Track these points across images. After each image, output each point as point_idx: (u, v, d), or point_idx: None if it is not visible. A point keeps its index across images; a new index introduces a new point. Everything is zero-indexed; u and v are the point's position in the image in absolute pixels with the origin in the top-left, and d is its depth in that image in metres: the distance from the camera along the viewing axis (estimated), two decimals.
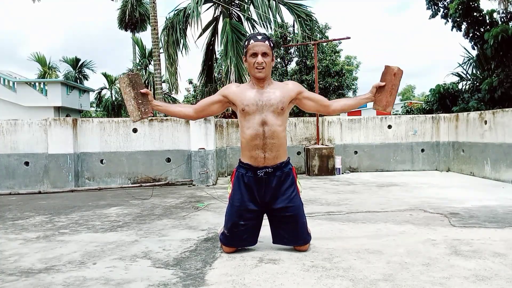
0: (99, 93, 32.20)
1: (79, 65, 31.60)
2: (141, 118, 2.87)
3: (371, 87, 2.94)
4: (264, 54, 2.74)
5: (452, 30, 12.33)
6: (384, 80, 2.90)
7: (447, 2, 12.63)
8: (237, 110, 2.84)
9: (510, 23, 11.42)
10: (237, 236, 2.79)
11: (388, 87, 2.88)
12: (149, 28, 27.96)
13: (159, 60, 12.62)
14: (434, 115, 8.58)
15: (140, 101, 2.86)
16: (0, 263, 2.73)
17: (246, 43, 2.81)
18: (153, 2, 12.95)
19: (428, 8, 13.17)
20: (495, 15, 11.75)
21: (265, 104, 2.73)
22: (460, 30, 12.16)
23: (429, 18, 13.19)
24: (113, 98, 31.05)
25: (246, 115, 2.75)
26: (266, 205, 2.78)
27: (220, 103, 2.90)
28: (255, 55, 2.74)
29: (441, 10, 12.88)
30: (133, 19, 27.09)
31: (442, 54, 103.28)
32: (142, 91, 2.87)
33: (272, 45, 2.81)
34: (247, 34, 11.22)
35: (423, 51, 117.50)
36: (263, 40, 2.76)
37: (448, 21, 12.57)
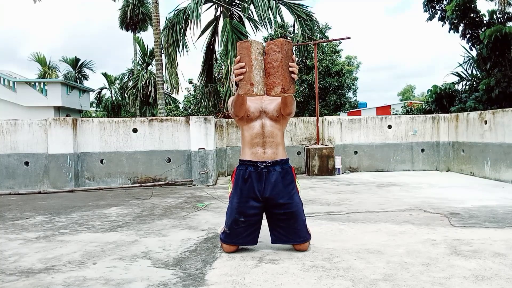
0: (99, 93, 32.24)
1: (79, 65, 31.63)
2: (263, 95, 2.56)
3: None
4: None
5: (449, 31, 12.34)
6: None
7: (444, 5, 12.63)
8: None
9: (507, 24, 11.42)
10: (238, 233, 2.81)
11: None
12: (150, 28, 28.07)
13: (161, 60, 12.63)
14: (434, 115, 8.58)
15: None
16: (0, 263, 2.73)
17: None
18: (155, 2, 12.97)
19: (425, 11, 13.16)
20: (492, 15, 11.75)
21: (264, 111, 2.92)
22: (458, 32, 12.17)
23: (426, 21, 13.20)
24: (113, 98, 31.06)
25: (249, 121, 2.93)
26: (266, 200, 2.81)
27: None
28: None
29: (438, 12, 12.88)
30: (134, 19, 27.10)
31: (442, 54, 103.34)
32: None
33: None
34: (247, 34, 11.25)
35: (424, 51, 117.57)
36: None
37: (445, 23, 12.58)
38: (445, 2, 12.67)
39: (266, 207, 2.85)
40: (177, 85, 11.89)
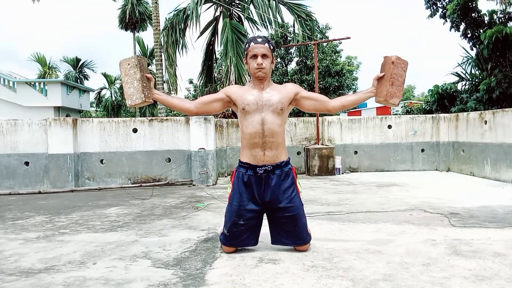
0: (99, 93, 32.24)
1: (79, 65, 31.63)
2: (143, 102, 2.73)
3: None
4: (264, 56, 2.80)
5: (450, 30, 12.34)
6: (383, 71, 2.86)
7: (446, 2, 12.63)
8: (238, 110, 2.87)
9: (508, 23, 11.41)
10: (237, 236, 2.79)
11: (387, 77, 2.81)
12: (149, 27, 28.07)
13: (161, 60, 12.63)
14: (434, 115, 8.58)
15: (144, 85, 2.77)
16: (0, 263, 2.73)
17: (246, 46, 2.87)
18: (155, 2, 12.97)
19: (427, 8, 13.17)
20: (492, 15, 11.75)
21: (264, 104, 2.78)
22: (459, 31, 12.16)
23: (427, 18, 13.21)
24: (113, 98, 31.06)
25: (246, 114, 2.79)
26: (266, 204, 2.78)
27: (222, 101, 2.92)
28: (255, 57, 2.80)
29: (440, 10, 12.88)
30: (133, 18, 27.10)
31: (443, 54, 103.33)
32: (148, 75, 2.82)
33: (272, 47, 2.86)
34: (247, 34, 11.25)
35: (424, 50, 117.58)
36: (263, 42, 2.82)
37: (446, 21, 12.58)
38: (447, 0, 12.67)
39: (266, 210, 2.82)
40: (175, 85, 11.90)
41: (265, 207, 2.80)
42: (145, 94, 2.74)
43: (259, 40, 2.82)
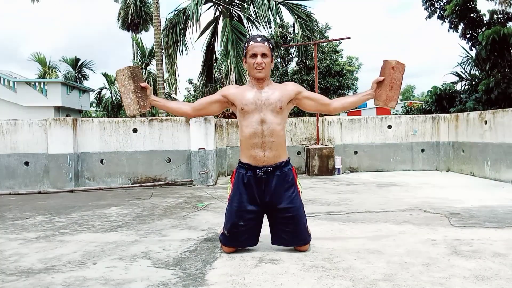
0: (99, 93, 32.22)
1: (79, 65, 31.62)
2: (139, 112, 2.84)
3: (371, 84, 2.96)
4: (263, 55, 2.79)
5: (448, 31, 12.33)
6: (383, 75, 2.90)
7: (444, 3, 12.62)
8: (237, 110, 2.87)
9: (508, 24, 11.40)
10: (237, 237, 2.79)
11: (387, 81, 2.88)
12: (151, 28, 28.06)
13: (162, 60, 12.64)
14: (434, 115, 8.58)
15: (139, 95, 2.84)
16: (0, 263, 2.73)
17: (245, 45, 2.88)
18: (156, 2, 12.98)
19: (425, 9, 13.16)
20: (492, 15, 11.74)
21: (264, 103, 2.77)
22: (457, 31, 12.16)
23: (425, 19, 13.21)
24: (113, 98, 31.05)
25: (245, 114, 2.79)
26: (266, 205, 2.78)
27: (219, 102, 2.92)
28: (254, 56, 2.79)
29: (438, 10, 12.88)
30: (135, 19, 27.12)
31: (443, 54, 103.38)
32: (142, 84, 2.86)
33: (271, 46, 2.86)
34: (247, 34, 11.25)
35: (424, 50, 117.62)
36: (262, 41, 2.81)
37: (444, 21, 12.57)
38: (444, 1, 12.66)
39: (266, 210, 2.82)
40: (175, 85, 11.91)
41: (265, 208, 2.80)
42: (141, 104, 2.84)
43: (259, 39, 2.82)
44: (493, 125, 6.65)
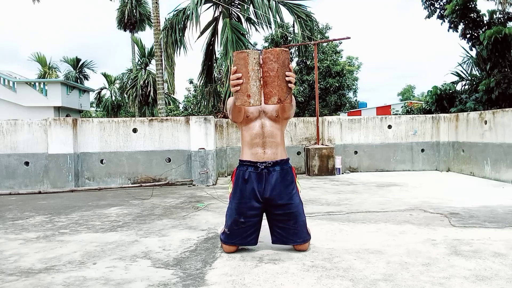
0: (99, 93, 32.25)
1: (79, 65, 31.66)
2: (260, 104, 2.58)
3: None
4: None
5: (448, 31, 12.32)
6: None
7: (444, 3, 12.62)
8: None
9: (508, 24, 11.40)
10: (238, 234, 2.81)
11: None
12: (147, 28, 28.07)
13: (161, 60, 12.64)
14: (434, 115, 8.58)
15: (260, 85, 2.52)
16: (0, 263, 2.73)
17: None
18: (156, 2, 12.98)
19: (424, 8, 13.16)
20: (492, 15, 11.73)
21: (263, 111, 2.92)
22: (457, 31, 12.15)
23: (425, 18, 13.21)
24: (113, 98, 31.07)
25: (249, 121, 2.93)
26: (266, 201, 2.81)
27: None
28: None
29: (438, 10, 12.87)
30: (132, 19, 27.11)
31: (442, 54, 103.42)
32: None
33: None
34: (247, 34, 11.25)
35: (424, 50, 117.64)
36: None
37: (444, 21, 12.56)
38: (444, 0, 12.66)
39: (266, 207, 2.85)
40: (173, 85, 11.93)
41: (265, 204, 2.83)
42: (259, 96, 2.53)
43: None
44: (493, 125, 6.65)
